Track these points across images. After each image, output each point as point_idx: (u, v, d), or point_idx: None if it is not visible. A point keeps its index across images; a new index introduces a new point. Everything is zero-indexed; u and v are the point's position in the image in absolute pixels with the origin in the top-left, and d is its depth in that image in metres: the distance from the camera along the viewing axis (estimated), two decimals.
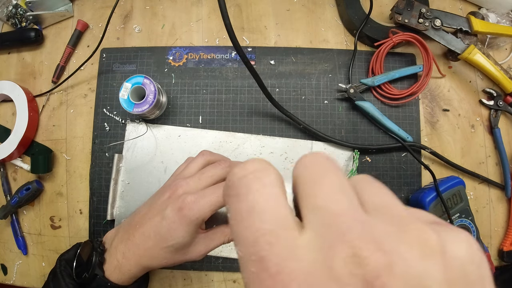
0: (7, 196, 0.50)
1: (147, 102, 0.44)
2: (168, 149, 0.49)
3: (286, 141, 0.49)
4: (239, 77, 0.51)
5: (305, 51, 0.52)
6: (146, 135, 0.49)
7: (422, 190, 0.48)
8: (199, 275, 0.48)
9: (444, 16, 0.49)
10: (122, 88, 0.44)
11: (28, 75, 0.53)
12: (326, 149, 0.49)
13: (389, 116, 0.50)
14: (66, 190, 0.50)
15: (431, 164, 0.51)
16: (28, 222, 0.50)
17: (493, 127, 0.51)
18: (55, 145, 0.51)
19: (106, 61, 0.52)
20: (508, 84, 0.50)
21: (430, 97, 0.52)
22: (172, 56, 0.52)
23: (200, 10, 0.54)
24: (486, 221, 0.51)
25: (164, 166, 0.49)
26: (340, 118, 0.51)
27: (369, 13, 0.50)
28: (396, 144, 0.49)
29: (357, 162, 0.49)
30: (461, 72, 0.53)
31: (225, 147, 0.49)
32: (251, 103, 0.51)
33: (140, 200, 0.48)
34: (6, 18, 0.52)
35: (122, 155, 0.49)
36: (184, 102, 0.51)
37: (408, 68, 0.50)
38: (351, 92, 0.49)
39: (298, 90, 0.51)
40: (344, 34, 0.54)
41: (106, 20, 0.48)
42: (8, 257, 0.50)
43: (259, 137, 0.50)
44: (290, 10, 0.54)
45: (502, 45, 0.54)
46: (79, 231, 0.49)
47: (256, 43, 0.53)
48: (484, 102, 0.52)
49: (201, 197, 0.31)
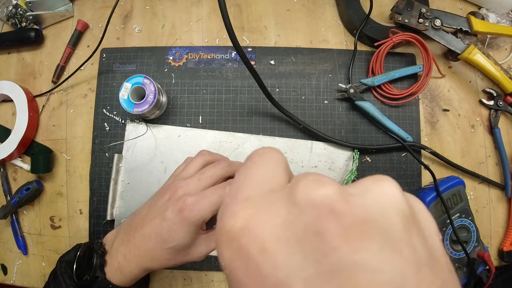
0: (7, 196, 0.50)
1: (147, 102, 0.44)
2: (168, 149, 0.49)
3: (286, 141, 0.49)
4: (239, 77, 0.51)
5: (305, 51, 0.52)
6: (146, 135, 0.49)
7: (422, 190, 0.48)
8: (199, 275, 0.48)
9: (444, 16, 0.49)
10: (122, 88, 0.44)
11: (28, 75, 0.53)
12: (326, 149, 0.49)
13: (389, 116, 0.50)
14: (66, 190, 0.50)
15: (431, 164, 0.51)
16: (28, 222, 0.50)
17: (493, 127, 0.51)
18: (55, 145, 0.51)
19: (106, 61, 0.52)
20: (508, 84, 0.50)
21: (430, 97, 0.52)
22: (172, 56, 0.52)
23: (200, 10, 0.54)
24: (486, 221, 0.51)
25: (164, 166, 0.49)
26: (340, 118, 0.51)
27: (369, 13, 0.50)
28: (396, 144, 0.49)
29: (357, 162, 0.49)
30: (461, 72, 0.53)
31: (225, 147, 0.49)
32: (251, 103, 0.51)
33: (140, 200, 0.48)
34: (6, 18, 0.52)
35: (122, 155, 0.49)
36: (184, 102, 0.51)
37: (408, 68, 0.50)
38: (351, 92, 0.49)
39: (298, 90, 0.51)
40: (344, 34, 0.54)
41: (106, 20, 0.48)
42: (8, 257, 0.50)
43: (259, 137, 0.50)
44: (290, 10, 0.54)
45: (502, 45, 0.54)
46: (79, 231, 0.49)
47: (256, 43, 0.53)
48: (484, 102, 0.52)
49: (201, 198, 0.31)
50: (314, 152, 0.49)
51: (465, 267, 0.47)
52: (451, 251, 0.46)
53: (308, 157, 0.49)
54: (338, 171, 0.49)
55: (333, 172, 0.49)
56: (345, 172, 0.49)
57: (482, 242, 0.48)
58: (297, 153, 0.49)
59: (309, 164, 0.49)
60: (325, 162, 0.49)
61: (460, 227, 0.46)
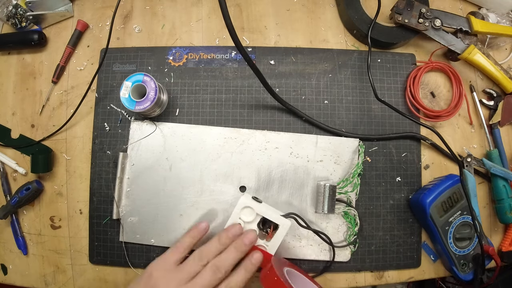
0: (7, 196, 0.50)
1: (148, 100, 0.44)
2: (173, 146, 0.49)
3: (291, 136, 0.49)
4: (239, 77, 0.51)
5: (305, 51, 0.52)
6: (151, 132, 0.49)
7: (422, 191, 0.48)
8: None
9: (444, 16, 0.49)
10: (123, 87, 0.44)
11: (28, 75, 0.53)
12: (331, 143, 0.49)
13: (389, 116, 0.51)
14: (66, 190, 0.50)
15: (431, 164, 0.51)
16: (28, 222, 0.50)
17: (493, 127, 0.51)
18: (55, 145, 0.51)
19: (106, 61, 0.52)
20: (508, 84, 0.50)
21: (430, 97, 0.52)
22: (172, 56, 0.52)
23: (200, 10, 0.54)
24: (486, 221, 0.51)
25: (169, 164, 0.49)
26: (340, 118, 0.51)
27: (376, 15, 0.50)
28: (399, 134, 0.50)
29: (363, 156, 0.49)
30: (461, 72, 0.53)
31: (230, 143, 0.49)
32: (251, 103, 0.51)
33: (145, 199, 0.48)
34: (6, 18, 0.52)
35: (127, 153, 0.49)
36: (184, 102, 0.51)
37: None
38: (467, 160, 0.49)
39: (298, 90, 0.51)
40: (344, 34, 0.54)
41: (106, 20, 0.48)
42: (8, 257, 0.50)
43: (264, 133, 0.49)
44: (290, 10, 0.54)
45: (502, 45, 0.54)
46: (79, 231, 0.49)
47: (256, 43, 0.53)
48: (484, 102, 0.52)
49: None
50: (319, 146, 0.49)
51: (470, 263, 0.47)
52: (455, 248, 0.46)
53: (313, 152, 0.49)
54: (344, 165, 0.49)
55: (339, 166, 0.49)
56: (351, 166, 0.49)
57: (486, 236, 0.48)
58: (302, 147, 0.49)
59: (315, 158, 0.49)
60: (330, 156, 0.49)
61: (463, 224, 0.47)
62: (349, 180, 0.48)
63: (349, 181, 0.48)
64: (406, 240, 0.49)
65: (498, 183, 0.49)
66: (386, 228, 0.49)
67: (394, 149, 0.50)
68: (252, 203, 0.41)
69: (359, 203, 0.49)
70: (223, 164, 0.48)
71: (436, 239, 0.47)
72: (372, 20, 0.50)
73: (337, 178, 0.48)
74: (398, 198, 0.50)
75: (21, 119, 0.52)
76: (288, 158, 0.49)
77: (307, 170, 0.48)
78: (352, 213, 0.47)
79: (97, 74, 0.49)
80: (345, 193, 0.48)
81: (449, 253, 0.46)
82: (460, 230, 0.47)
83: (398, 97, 0.52)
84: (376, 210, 0.49)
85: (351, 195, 0.48)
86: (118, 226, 0.48)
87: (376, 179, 0.50)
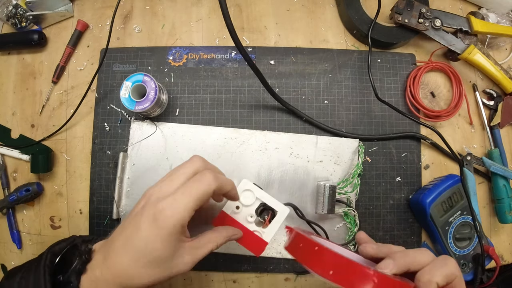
0: (5, 190, 0.50)
1: (148, 99, 0.44)
2: (173, 146, 0.49)
3: (291, 136, 0.49)
4: (239, 77, 0.51)
5: (305, 51, 0.52)
6: (151, 132, 0.49)
7: (422, 191, 0.48)
8: (199, 275, 0.48)
9: (444, 16, 0.49)
10: (123, 87, 0.44)
11: (28, 75, 0.53)
12: (331, 143, 0.49)
13: (389, 116, 0.51)
14: (66, 190, 0.50)
15: (431, 164, 0.51)
16: (28, 222, 0.50)
17: (493, 127, 0.51)
18: (55, 145, 0.51)
19: (106, 61, 0.52)
20: (508, 84, 0.50)
21: (430, 97, 0.52)
22: (172, 56, 0.52)
23: (200, 10, 0.54)
24: (486, 221, 0.51)
25: (169, 164, 0.49)
26: (340, 118, 0.51)
27: (376, 15, 0.50)
28: (400, 134, 0.50)
29: (363, 156, 0.49)
30: (461, 72, 0.53)
31: (230, 143, 0.49)
32: (251, 103, 0.51)
33: None
34: (6, 18, 0.52)
35: (127, 153, 0.49)
36: (184, 102, 0.51)
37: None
38: (467, 159, 0.49)
39: (298, 90, 0.51)
40: (344, 34, 0.54)
41: (106, 20, 0.48)
42: (8, 257, 0.50)
43: (264, 133, 0.50)
44: (290, 10, 0.54)
45: (502, 45, 0.54)
46: (79, 231, 0.49)
47: (256, 43, 0.53)
48: (484, 102, 0.52)
49: (174, 200, 0.28)
50: (319, 146, 0.49)
51: (470, 263, 0.47)
52: (455, 248, 0.46)
53: (313, 152, 0.49)
54: (344, 165, 0.49)
55: (339, 167, 0.49)
56: (351, 166, 0.49)
57: (485, 236, 0.48)
58: (302, 148, 0.49)
59: (315, 159, 0.49)
60: (330, 156, 0.49)
61: (463, 224, 0.47)
62: (349, 180, 0.48)
63: (349, 182, 0.48)
64: (406, 240, 0.49)
65: (498, 182, 0.49)
66: (386, 228, 0.49)
67: (394, 149, 0.50)
68: (252, 186, 0.40)
69: (359, 203, 0.49)
70: (223, 164, 0.48)
71: (436, 239, 0.47)
72: (372, 20, 0.50)
73: (337, 179, 0.48)
74: (398, 198, 0.50)
75: (21, 119, 0.52)
76: (288, 159, 0.49)
77: (307, 170, 0.48)
78: (352, 213, 0.47)
79: (97, 74, 0.49)
80: (345, 193, 0.48)
81: (449, 253, 0.46)
82: (460, 230, 0.47)
83: (398, 97, 0.52)
84: (376, 210, 0.49)
85: (351, 196, 0.48)
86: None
87: (376, 179, 0.50)
